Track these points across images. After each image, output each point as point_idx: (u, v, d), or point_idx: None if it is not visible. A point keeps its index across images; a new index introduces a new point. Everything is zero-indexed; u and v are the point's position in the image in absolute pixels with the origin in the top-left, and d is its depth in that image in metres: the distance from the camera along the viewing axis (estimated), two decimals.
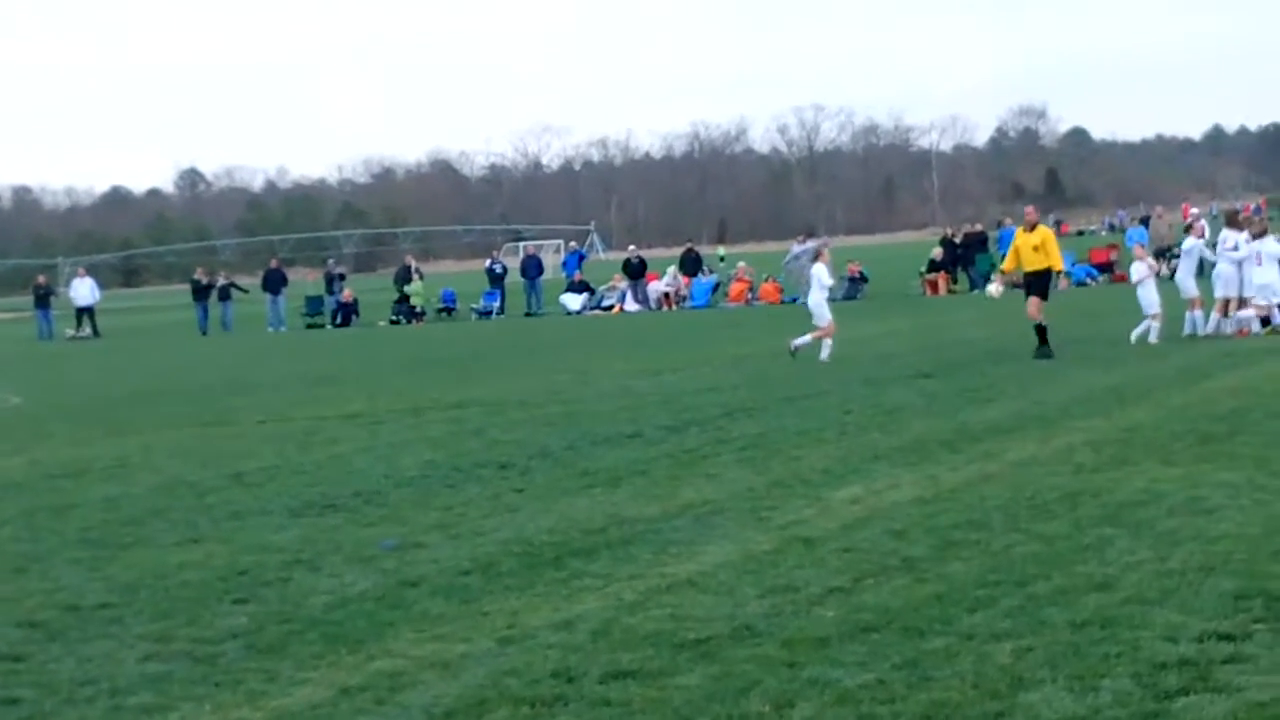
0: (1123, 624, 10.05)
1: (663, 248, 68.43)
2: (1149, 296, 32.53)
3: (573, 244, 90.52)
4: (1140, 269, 33.37)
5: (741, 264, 75.42)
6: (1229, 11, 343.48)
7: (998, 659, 9.50)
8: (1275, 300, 32.50)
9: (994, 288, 35.27)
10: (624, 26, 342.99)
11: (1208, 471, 15.76)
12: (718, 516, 15.13)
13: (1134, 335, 31.99)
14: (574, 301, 69.87)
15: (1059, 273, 31.73)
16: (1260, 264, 32.56)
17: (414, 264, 74.45)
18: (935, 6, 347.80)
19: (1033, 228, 31.82)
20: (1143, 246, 37.50)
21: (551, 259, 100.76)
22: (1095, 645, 9.62)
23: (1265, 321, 32.40)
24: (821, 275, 33.99)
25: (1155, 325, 32.09)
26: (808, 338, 33.36)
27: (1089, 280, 63.80)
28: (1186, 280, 33.72)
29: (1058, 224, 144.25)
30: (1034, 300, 30.73)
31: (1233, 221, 34.98)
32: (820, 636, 10.28)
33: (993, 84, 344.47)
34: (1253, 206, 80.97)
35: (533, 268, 74.02)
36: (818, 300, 33.76)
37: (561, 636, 10.79)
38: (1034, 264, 31.21)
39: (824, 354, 32.60)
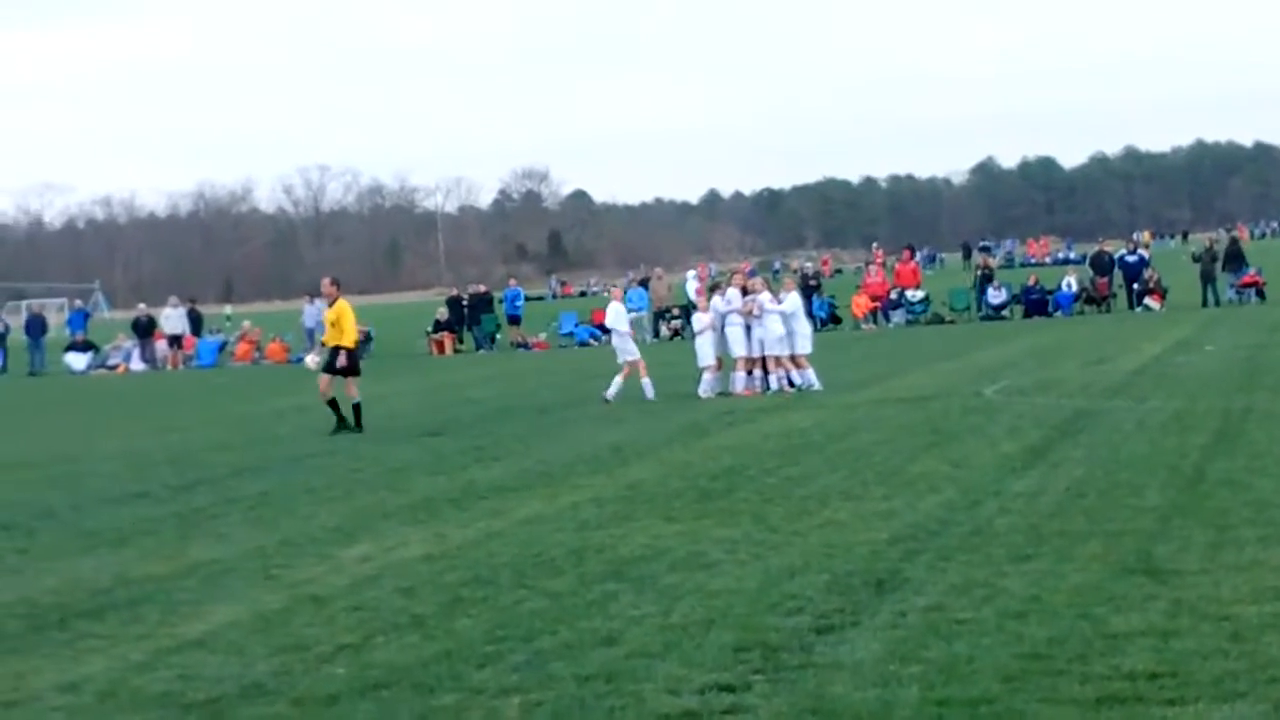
0: (627, 677, 10.26)
1: (170, 307, 68.06)
2: (704, 349, 33.08)
3: (77, 302, 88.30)
4: (702, 320, 33.76)
5: (246, 323, 74.76)
6: (721, 82, 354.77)
7: (506, 714, 9.62)
8: (785, 353, 33.29)
9: (310, 359, 33.73)
10: (129, 82, 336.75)
11: (708, 527, 16.20)
12: (227, 576, 14.98)
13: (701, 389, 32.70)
14: (79, 361, 68.30)
15: (344, 349, 29.78)
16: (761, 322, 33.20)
17: None
18: (439, 69, 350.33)
19: (332, 302, 30.52)
20: (707, 299, 37.36)
21: (55, 318, 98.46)
22: (601, 699, 9.81)
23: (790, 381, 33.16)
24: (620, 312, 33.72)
25: (708, 378, 32.74)
26: (618, 380, 33.01)
27: (591, 340, 64.93)
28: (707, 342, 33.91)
29: (561, 284, 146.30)
30: (324, 378, 29.69)
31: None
32: (330, 694, 10.28)
33: (496, 147, 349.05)
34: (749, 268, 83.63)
35: (36, 326, 72.59)
36: (621, 337, 33.57)
37: (68, 699, 10.58)
38: (331, 339, 30.21)
39: (611, 391, 32.45)
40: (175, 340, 68.03)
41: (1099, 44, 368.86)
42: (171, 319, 68.72)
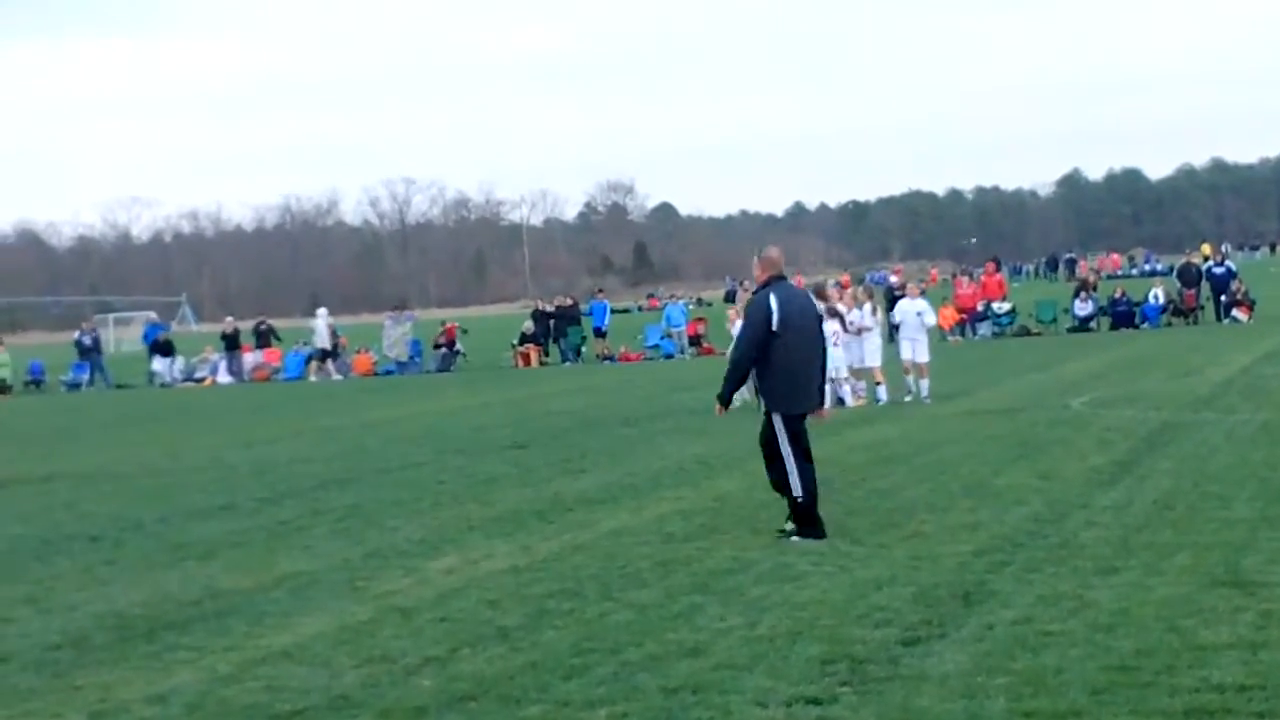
0: (714, 689, 10.25)
1: (321, 320, 68.14)
2: (877, 352, 33.03)
3: (151, 315, 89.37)
4: (864, 320, 33.47)
5: (304, 343, 75.02)
6: (806, 94, 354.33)
7: None
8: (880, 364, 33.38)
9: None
10: (212, 97, 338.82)
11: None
12: (313, 588, 15.06)
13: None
14: (162, 365, 68.73)
15: None
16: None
17: None
18: (522, 81, 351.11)
19: None
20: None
21: (135, 332, 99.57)
22: (687, 711, 9.81)
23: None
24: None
25: (882, 385, 32.84)
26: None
27: (677, 353, 65.04)
28: None
29: (649, 297, 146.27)
30: None
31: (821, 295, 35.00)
32: (418, 706, 10.31)
33: (581, 159, 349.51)
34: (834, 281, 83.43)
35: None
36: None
37: (155, 710, 10.64)
38: None
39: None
40: (326, 354, 66.50)
41: (1185, 55, 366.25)
42: (320, 333, 66.83)
